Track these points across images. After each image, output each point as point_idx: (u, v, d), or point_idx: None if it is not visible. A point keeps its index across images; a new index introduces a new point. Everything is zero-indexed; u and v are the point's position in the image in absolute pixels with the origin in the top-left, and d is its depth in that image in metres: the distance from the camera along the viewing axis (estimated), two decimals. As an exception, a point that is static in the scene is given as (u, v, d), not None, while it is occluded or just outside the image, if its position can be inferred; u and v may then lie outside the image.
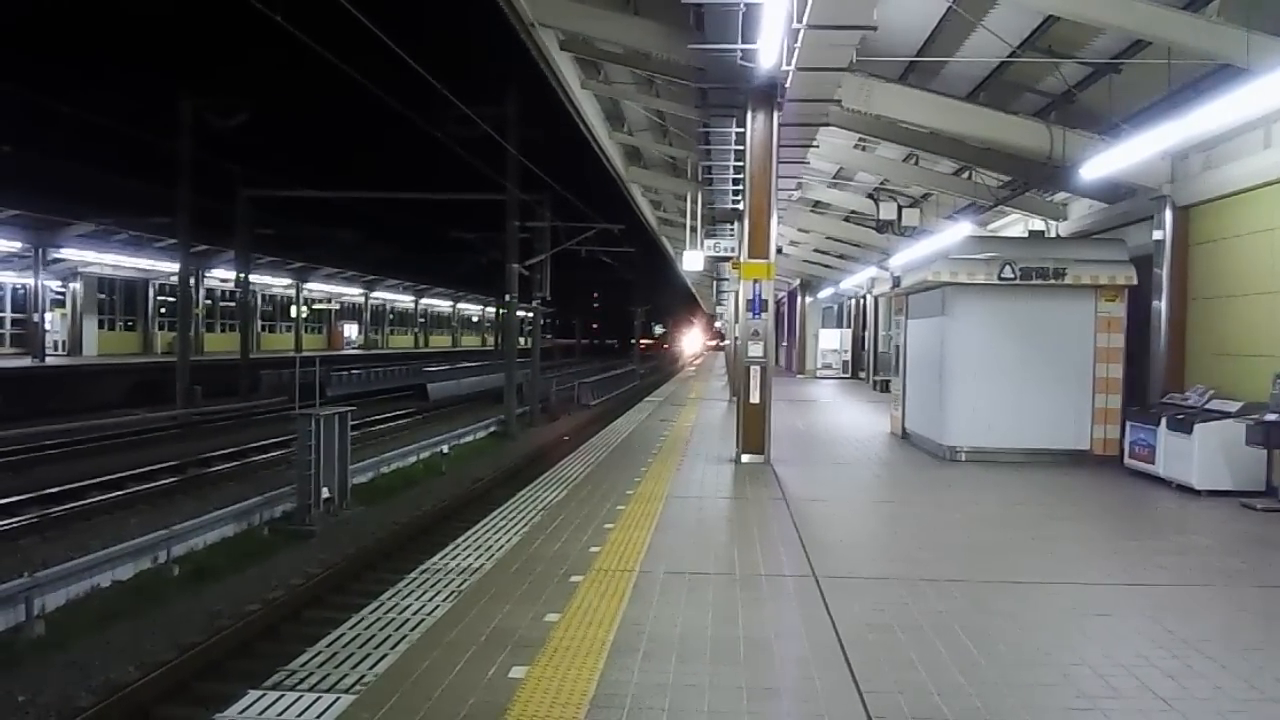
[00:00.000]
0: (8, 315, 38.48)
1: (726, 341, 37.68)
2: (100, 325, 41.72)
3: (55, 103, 25.33)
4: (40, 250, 33.40)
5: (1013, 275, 13.46)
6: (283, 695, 5.23)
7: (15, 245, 32.62)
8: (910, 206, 20.95)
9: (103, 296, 41.97)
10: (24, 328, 37.31)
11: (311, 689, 5.34)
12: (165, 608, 11.60)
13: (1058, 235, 17.38)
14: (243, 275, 36.73)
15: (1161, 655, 5.53)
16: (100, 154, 50.40)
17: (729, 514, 9.96)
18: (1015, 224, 19.63)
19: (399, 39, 12.23)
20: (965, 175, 18.54)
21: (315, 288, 58.04)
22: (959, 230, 16.11)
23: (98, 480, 17.87)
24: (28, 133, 37.92)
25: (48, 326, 36.18)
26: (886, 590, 6.90)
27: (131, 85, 71.83)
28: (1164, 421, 11.69)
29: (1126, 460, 12.69)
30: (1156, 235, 13.14)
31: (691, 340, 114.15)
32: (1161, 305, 13.10)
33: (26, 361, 32.87)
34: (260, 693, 5.26)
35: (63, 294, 39.50)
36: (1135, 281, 13.39)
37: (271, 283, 52.75)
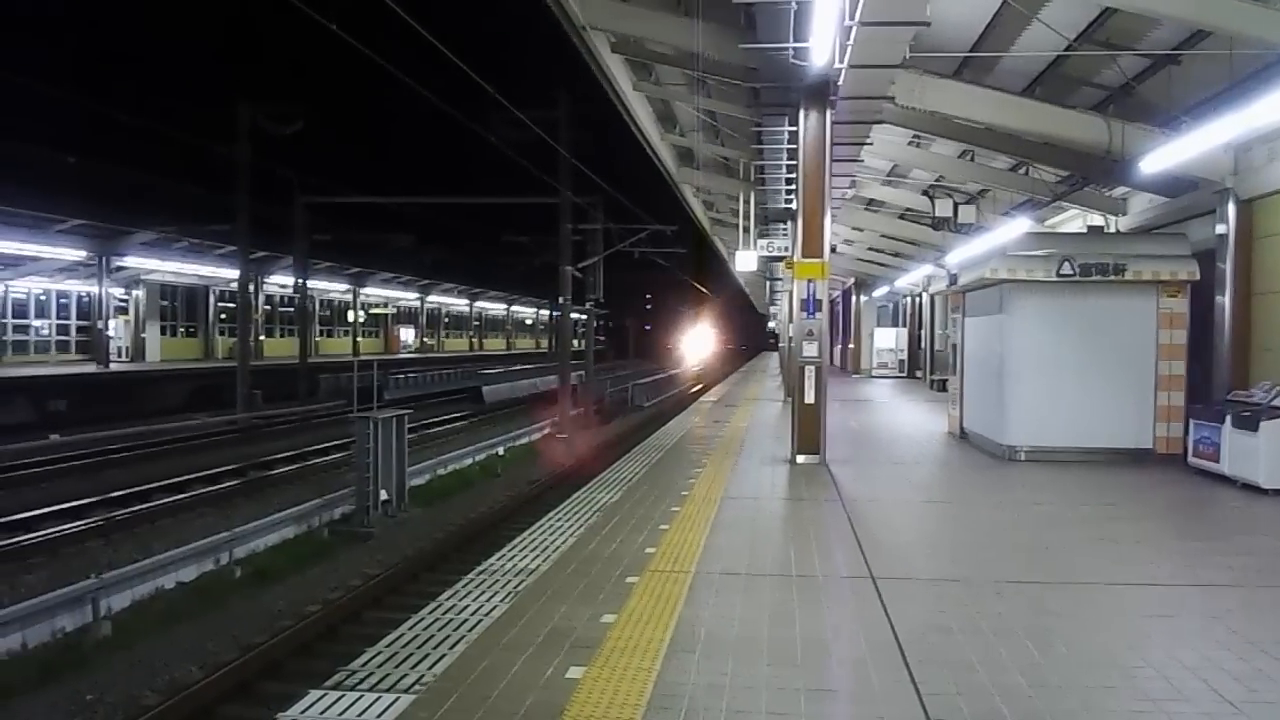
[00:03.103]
0: (73, 322, 39.26)
1: (783, 344, 37.51)
2: (162, 331, 42.41)
3: (116, 111, 25.81)
4: (104, 259, 34.04)
5: (1072, 272, 13.28)
6: (343, 695, 5.28)
7: (80, 254, 33.26)
8: (966, 203, 20.77)
9: (164, 303, 42.66)
10: (89, 335, 38.06)
11: (372, 689, 5.40)
12: (227, 609, 11.77)
13: (1117, 230, 17.12)
14: (301, 281, 37.18)
15: (1227, 657, 5.43)
16: (161, 162, 51.31)
17: (785, 515, 9.93)
18: (1074, 219, 19.36)
19: (453, 45, 12.33)
20: (1022, 171, 18.33)
21: (372, 292, 58.64)
22: (1016, 226, 15.93)
23: (161, 484, 18.18)
24: (91, 142, 38.65)
25: (111, 333, 36.85)
26: (945, 591, 6.84)
27: (190, 94, 73.09)
28: (1229, 419, 11.47)
29: (1190, 459, 12.47)
30: (1219, 229, 12.91)
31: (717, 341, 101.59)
32: (1225, 300, 12.87)
33: (91, 368, 33.53)
34: (321, 692, 5.33)
35: (126, 301, 40.22)
36: (1198, 277, 13.15)
37: (329, 288, 53.34)
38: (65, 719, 8.65)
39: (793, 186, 17.84)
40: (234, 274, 33.61)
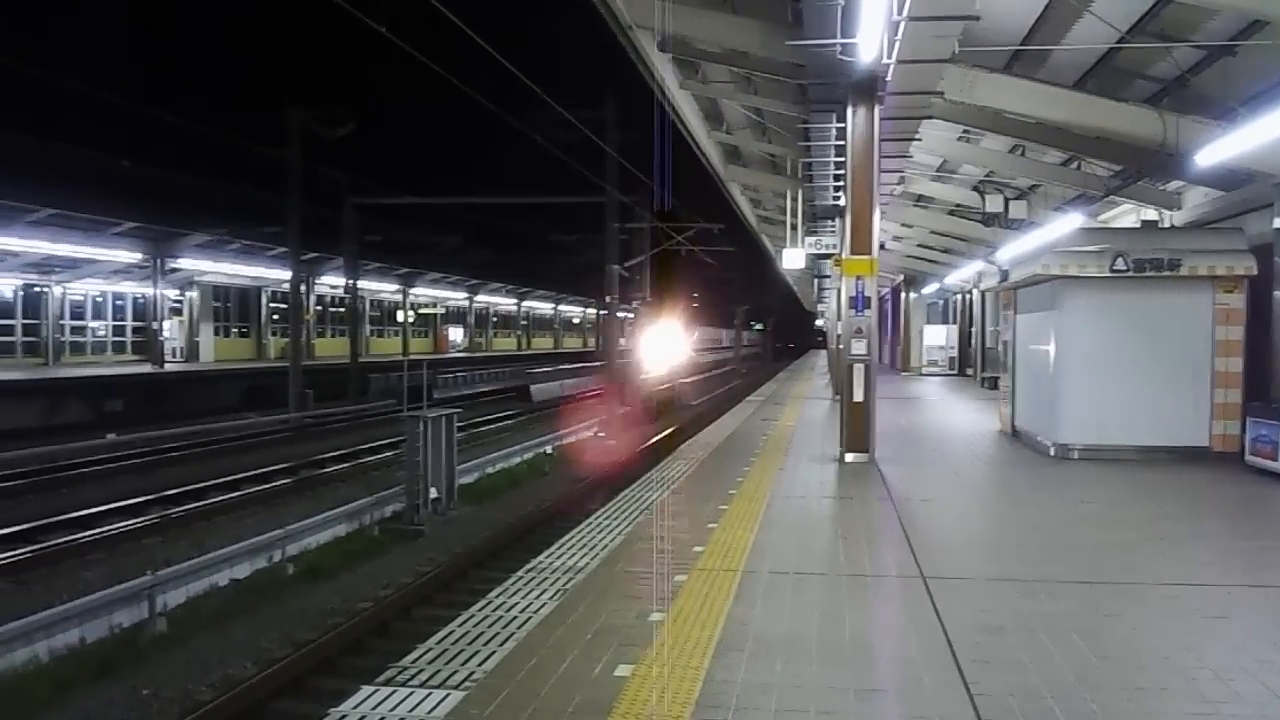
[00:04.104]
0: (129, 323, 39.91)
1: (831, 342, 37.35)
2: (216, 332, 42.91)
3: (170, 116, 26.19)
4: (159, 260, 34.54)
5: (1125, 267, 13.11)
6: (395, 691, 5.35)
7: (135, 256, 33.77)
8: (1017, 199, 20.50)
9: (218, 304, 43.17)
10: (144, 335, 38.65)
11: (423, 685, 5.46)
12: (280, 605, 11.92)
13: (1172, 225, 16.85)
14: (351, 281, 37.54)
15: (1287, 659, 5.33)
16: (214, 166, 51.99)
17: (834, 513, 9.88)
18: (1127, 214, 19.08)
19: (500, 46, 12.40)
20: (1074, 166, 18.09)
21: (421, 292, 59.03)
22: (1068, 222, 15.75)
23: (215, 482, 18.44)
24: (146, 146, 39.24)
25: (166, 334, 37.38)
26: (997, 591, 6.77)
27: (243, 98, 74.10)
28: (1288, 416, 11.28)
29: (1247, 457, 12.26)
30: (1277, 223, 12.67)
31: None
32: (1283, 295, 12.63)
33: (147, 368, 34.05)
34: (373, 689, 5.39)
35: (180, 302, 40.80)
36: (1255, 271, 12.92)
37: (379, 288, 53.78)
38: (122, 714, 8.80)
39: (841, 183, 17.75)
40: (286, 275, 34.01)
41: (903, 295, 43.92)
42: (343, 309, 49.36)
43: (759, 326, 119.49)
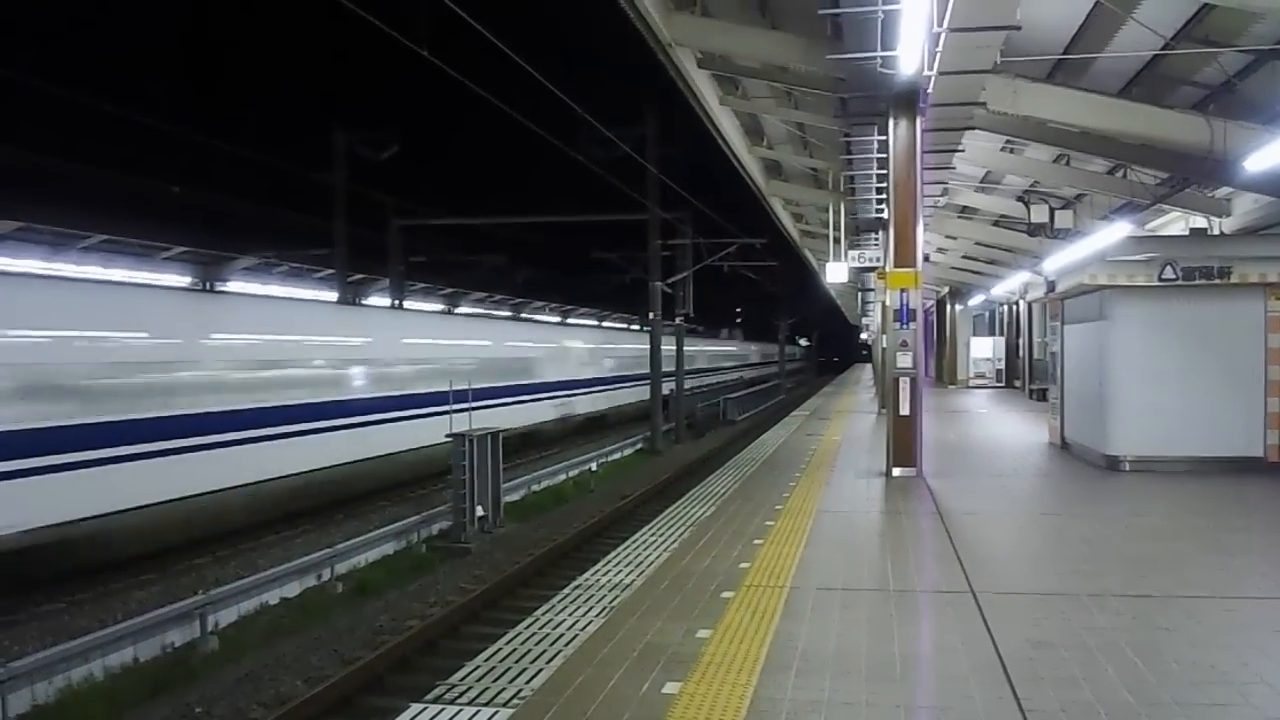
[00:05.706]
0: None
1: (875, 356, 37.18)
2: (264, 354, 43.34)
3: (217, 141, 26.59)
4: (208, 284, 35.01)
5: (1174, 276, 12.93)
6: (443, 709, 5.37)
7: (185, 280, 34.23)
8: (1063, 208, 20.31)
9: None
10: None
11: (471, 703, 5.48)
12: (329, 623, 12.01)
13: (1221, 232, 16.63)
14: (397, 302, 37.86)
15: (1350, 674, 5.21)
16: (260, 189, 52.72)
17: (881, 528, 9.80)
18: (1175, 222, 18.86)
19: (540, 66, 12.48)
20: (1120, 174, 17.89)
21: (466, 312, 59.34)
22: (1115, 231, 15.57)
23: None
24: (194, 171, 39.88)
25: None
26: (1048, 606, 6.68)
27: (288, 121, 75.12)
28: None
29: (1303, 467, 12.05)
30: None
31: None
32: (1339, 302, 12.40)
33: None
34: (421, 706, 5.42)
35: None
36: (1309, 277, 12.71)
37: (424, 308, 54.16)
38: (176, 732, 8.91)
39: (883, 196, 17.66)
40: (333, 297, 34.36)
41: (948, 307, 43.61)
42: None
43: (804, 342, 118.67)
